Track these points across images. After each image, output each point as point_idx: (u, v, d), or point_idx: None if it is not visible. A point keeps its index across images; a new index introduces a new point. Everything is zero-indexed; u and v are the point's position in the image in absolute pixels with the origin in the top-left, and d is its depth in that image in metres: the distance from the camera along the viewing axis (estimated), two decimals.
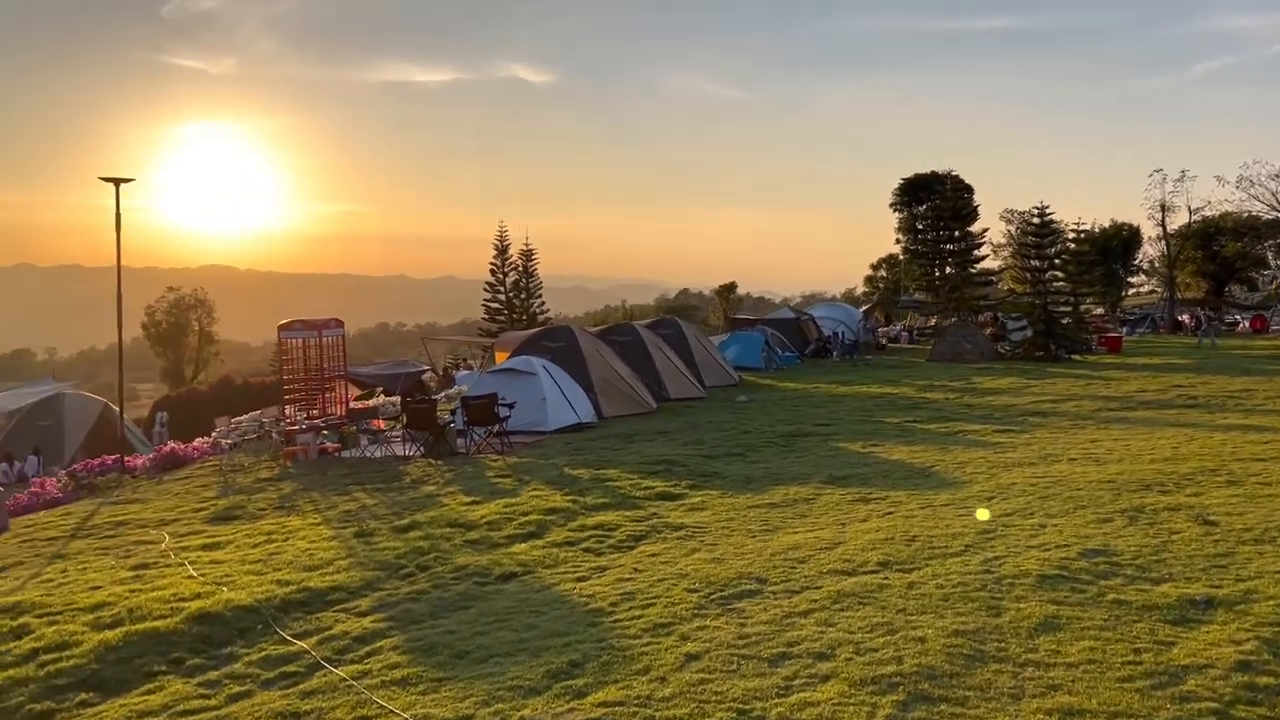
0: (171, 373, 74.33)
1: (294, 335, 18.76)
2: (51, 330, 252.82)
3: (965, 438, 15.47)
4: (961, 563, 7.29)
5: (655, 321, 30.52)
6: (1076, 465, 12.04)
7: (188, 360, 75.34)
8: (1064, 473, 11.40)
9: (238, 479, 15.15)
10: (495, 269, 52.34)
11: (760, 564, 7.61)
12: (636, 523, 9.71)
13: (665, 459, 13.95)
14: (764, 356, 33.49)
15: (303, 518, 11.45)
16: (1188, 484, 10.33)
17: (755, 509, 10.31)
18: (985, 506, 9.65)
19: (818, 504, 10.42)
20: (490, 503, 10.96)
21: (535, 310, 54.56)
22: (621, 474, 12.79)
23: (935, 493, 10.60)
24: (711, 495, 11.19)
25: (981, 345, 34.37)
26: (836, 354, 37.41)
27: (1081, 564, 7.10)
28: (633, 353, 24.92)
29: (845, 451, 14.54)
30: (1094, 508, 9.23)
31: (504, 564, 8.19)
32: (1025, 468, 12.04)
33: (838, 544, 8.19)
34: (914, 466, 12.69)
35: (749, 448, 15.32)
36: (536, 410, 18.45)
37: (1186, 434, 14.70)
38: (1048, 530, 8.35)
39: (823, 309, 45.23)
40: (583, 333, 23.13)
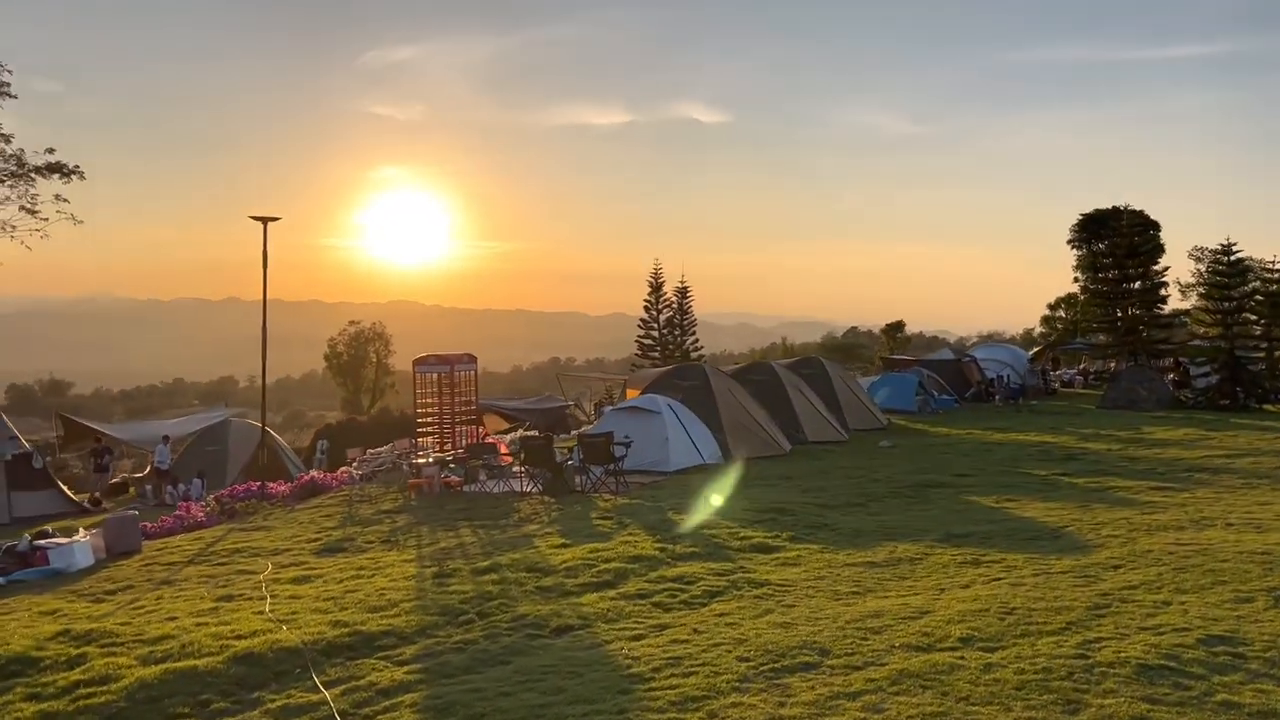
0: (350, 402, 78.39)
1: (428, 370, 19.21)
2: (253, 360, 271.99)
3: (1113, 495, 14.12)
4: (1055, 643, 6.46)
5: (798, 361, 29.74)
6: (1232, 532, 10.71)
7: (365, 390, 79.25)
8: (1213, 540, 10.13)
9: (361, 510, 15.51)
10: (649, 305, 52.58)
11: (830, 632, 6.99)
12: (719, 576, 9.20)
13: (778, 506, 13.34)
14: (918, 400, 32.12)
15: (401, 553, 11.51)
16: None
17: (852, 567, 9.61)
18: (1115, 574, 8.64)
19: (924, 565, 9.62)
20: (578, 546, 10.69)
21: (689, 347, 54.45)
22: (724, 521, 12.28)
23: (1058, 557, 9.60)
24: (811, 549, 10.54)
25: (1159, 392, 31.78)
26: (999, 398, 35.41)
27: (1197, 653, 6.15)
28: (769, 393, 24.32)
29: (975, 506, 13.52)
30: (1236, 584, 8.10)
31: (564, 615, 7.87)
32: (1170, 532, 10.79)
33: (925, 613, 7.45)
34: (1045, 526, 11.61)
35: (872, 497, 14.50)
36: (659, 449, 18.16)
37: None
38: (1171, 609, 7.35)
39: (987, 350, 43.03)
40: (715, 372, 22.74)
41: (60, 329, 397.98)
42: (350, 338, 79.44)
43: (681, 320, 54.96)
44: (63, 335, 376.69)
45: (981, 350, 42.91)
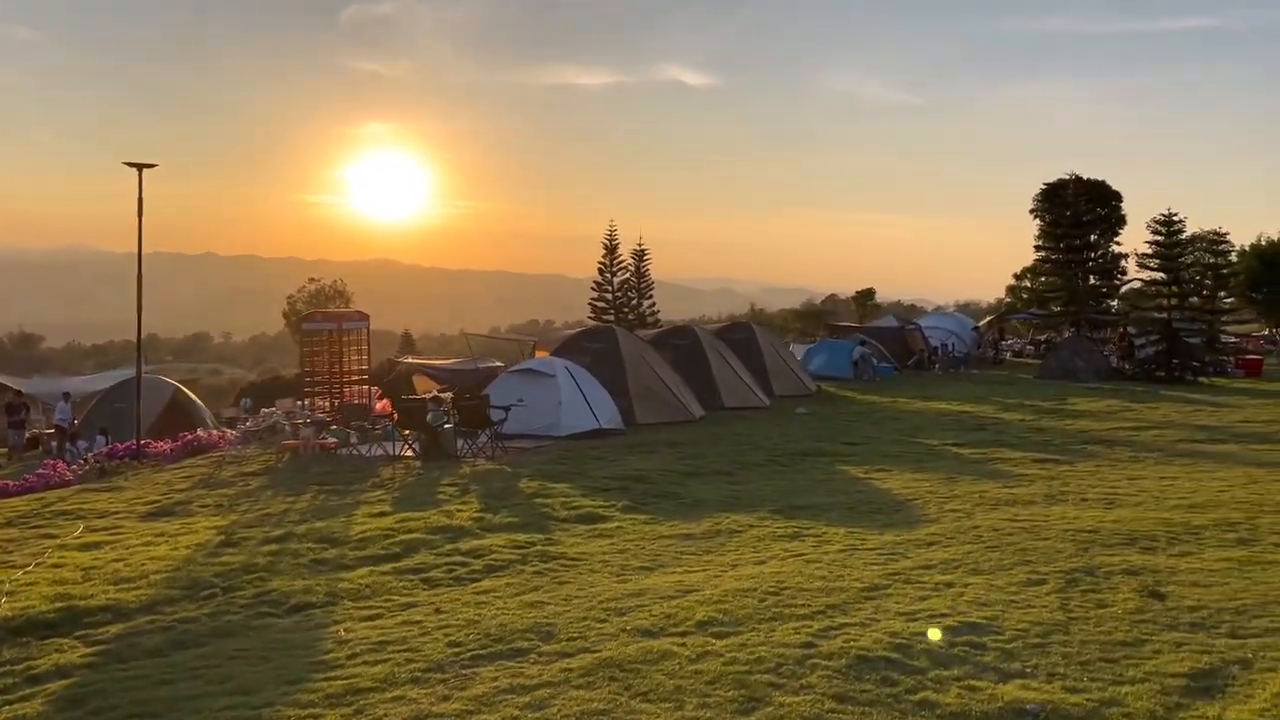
0: None
1: (316, 327, 18.57)
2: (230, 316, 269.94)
3: (990, 467, 13.69)
4: (793, 630, 5.98)
5: (727, 326, 29.19)
6: (1079, 508, 10.28)
7: None
8: (1050, 516, 9.70)
9: (225, 472, 14.93)
10: (603, 268, 51.84)
11: (574, 614, 6.50)
12: (516, 549, 8.70)
13: (638, 474, 12.87)
14: (854, 366, 31.69)
15: (223, 518, 10.97)
16: (1187, 540, 8.54)
17: (666, 540, 9.14)
18: (922, 552, 8.18)
19: (740, 538, 9.15)
20: (394, 515, 10.18)
21: (646, 311, 53.85)
22: (572, 489, 11.79)
23: (880, 532, 9.15)
24: (637, 520, 10.05)
25: (1096, 363, 31.43)
26: (940, 367, 35.02)
27: (931, 644, 5.68)
28: (690, 358, 23.80)
29: (842, 476, 13.08)
30: (1039, 564, 7.65)
31: (315, 591, 7.36)
32: (1015, 507, 10.36)
33: (690, 592, 6.97)
34: (895, 498, 11.16)
35: (745, 465, 14.04)
36: (551, 414, 17.61)
37: (1251, 475, 12.54)
38: (949, 592, 6.89)
39: (934, 319, 42.62)
40: (627, 335, 22.16)
41: (35, 281, 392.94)
42: (310, 295, 78.36)
43: (639, 283, 54.29)
44: (38, 287, 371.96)
45: (929, 319, 42.50)
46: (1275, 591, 6.77)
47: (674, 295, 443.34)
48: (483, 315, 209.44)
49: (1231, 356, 33.51)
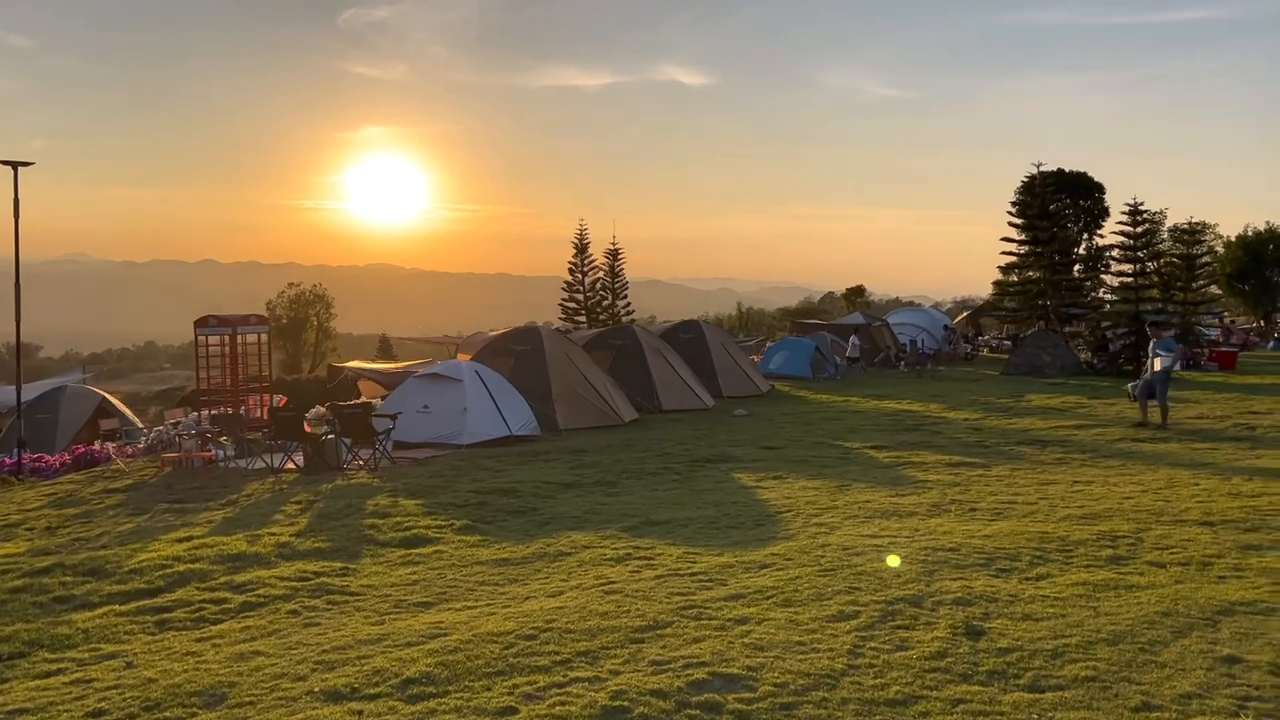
0: (290, 366, 76.69)
1: (209, 332, 17.61)
2: None
3: (897, 473, 12.67)
4: (508, 689, 4.99)
5: (676, 326, 28.18)
6: (962, 521, 9.27)
7: (305, 354, 77.56)
8: (920, 532, 8.69)
9: (93, 486, 13.98)
10: (574, 268, 50.82)
11: (281, 668, 5.52)
12: (298, 582, 7.70)
13: (509, 488, 11.86)
14: (813, 364, 30.71)
15: (34, 541, 10.02)
16: (1055, 559, 7.53)
17: (477, 567, 8.15)
18: (746, 577, 7.18)
19: (562, 563, 8.15)
20: (196, 540, 9.20)
21: (620, 311, 52.90)
22: (421, 506, 10.81)
23: (719, 553, 8.14)
24: (465, 543, 9.05)
25: (1062, 357, 30.37)
26: (905, 364, 33.99)
27: (656, 709, 4.69)
28: (629, 359, 22.88)
29: (729, 486, 12.06)
30: (864, 594, 6.65)
31: (16, 639, 6.37)
32: (891, 520, 9.34)
33: (441, 635, 5.98)
34: (768, 511, 10.15)
35: (636, 475, 13.03)
36: (455, 421, 16.62)
37: (1172, 478, 11.52)
38: (732, 633, 5.89)
39: (904, 315, 41.65)
40: (554, 337, 21.16)
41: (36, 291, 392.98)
42: (290, 300, 77.60)
43: (612, 283, 53.34)
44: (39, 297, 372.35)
45: (899, 315, 41.51)
46: (1110, 626, 5.76)
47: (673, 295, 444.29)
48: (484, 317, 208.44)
49: (1205, 349, 32.43)
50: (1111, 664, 5.14)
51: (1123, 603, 6.27)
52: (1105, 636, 5.58)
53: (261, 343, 18.15)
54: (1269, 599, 6.28)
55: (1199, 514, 9.22)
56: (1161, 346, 17.19)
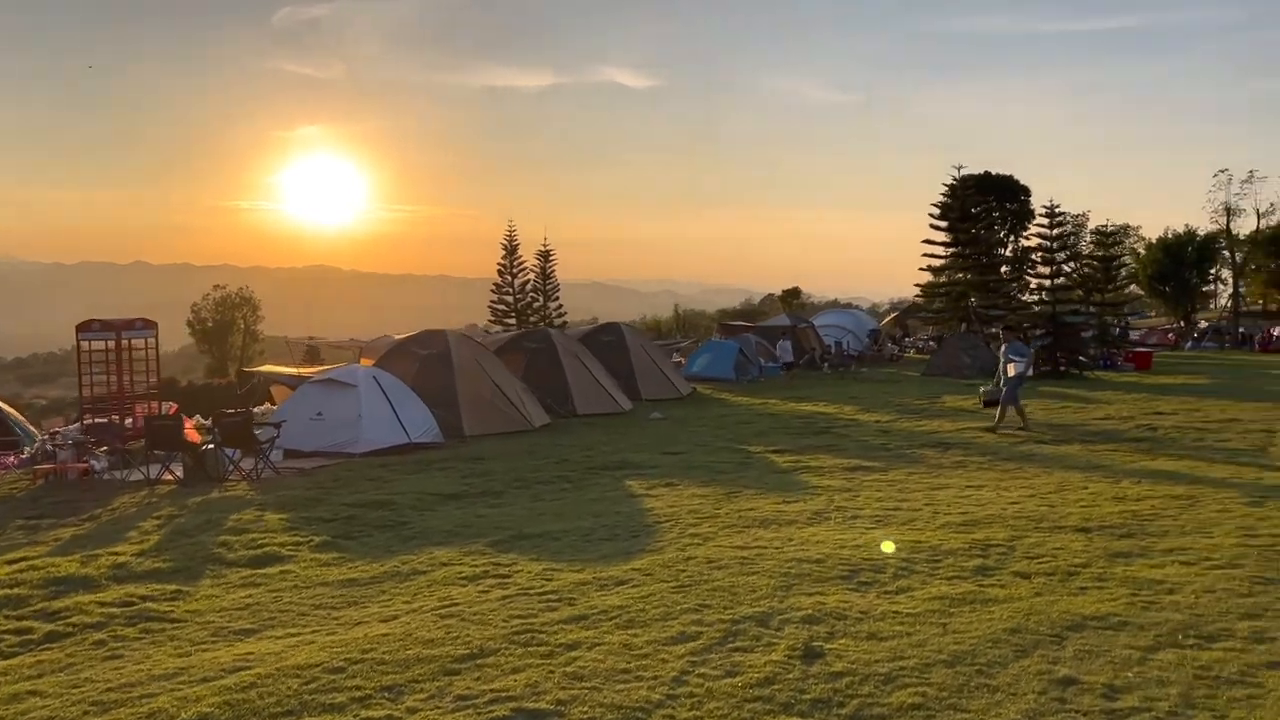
0: (216, 370, 74.77)
1: (92, 337, 16.78)
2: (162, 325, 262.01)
3: (791, 478, 12.41)
4: None
5: (596, 328, 27.87)
6: (839, 529, 9.00)
7: (232, 359, 75.64)
8: (793, 542, 8.40)
9: None
10: (503, 270, 50.23)
11: (50, 711, 4.98)
12: (120, 607, 7.16)
13: (385, 500, 11.36)
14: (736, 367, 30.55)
15: None
16: (920, 570, 7.27)
17: (321, 588, 7.66)
18: (597, 596, 6.80)
19: (413, 583, 7.69)
20: (28, 561, 8.57)
21: (552, 313, 52.38)
22: (287, 521, 10.27)
23: (580, 569, 7.75)
24: (316, 562, 8.54)
25: (982, 359, 30.53)
26: (828, 366, 34.00)
27: None
28: (544, 362, 22.46)
29: (617, 494, 11.68)
30: (712, 613, 6.31)
31: None
32: (768, 530, 9.04)
33: (246, 668, 5.50)
34: (648, 522, 9.79)
35: (526, 484, 12.60)
36: (349, 428, 16.02)
37: (1064, 482, 11.41)
38: (557, 660, 5.49)
39: (831, 316, 41.80)
40: (461, 340, 20.61)
41: None
42: (215, 303, 75.68)
43: (544, 285, 52.82)
44: None
45: (826, 317, 41.63)
46: (954, 646, 5.48)
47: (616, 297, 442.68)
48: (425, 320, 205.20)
49: (1121, 349, 32.93)
50: (943, 689, 4.85)
51: (975, 619, 6.00)
52: (945, 658, 5.29)
53: (149, 347, 17.33)
54: (1123, 612, 6.06)
55: (1078, 520, 9.06)
56: (1013, 351, 17.06)
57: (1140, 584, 6.73)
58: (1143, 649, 5.37)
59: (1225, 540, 8.03)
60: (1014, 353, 17.00)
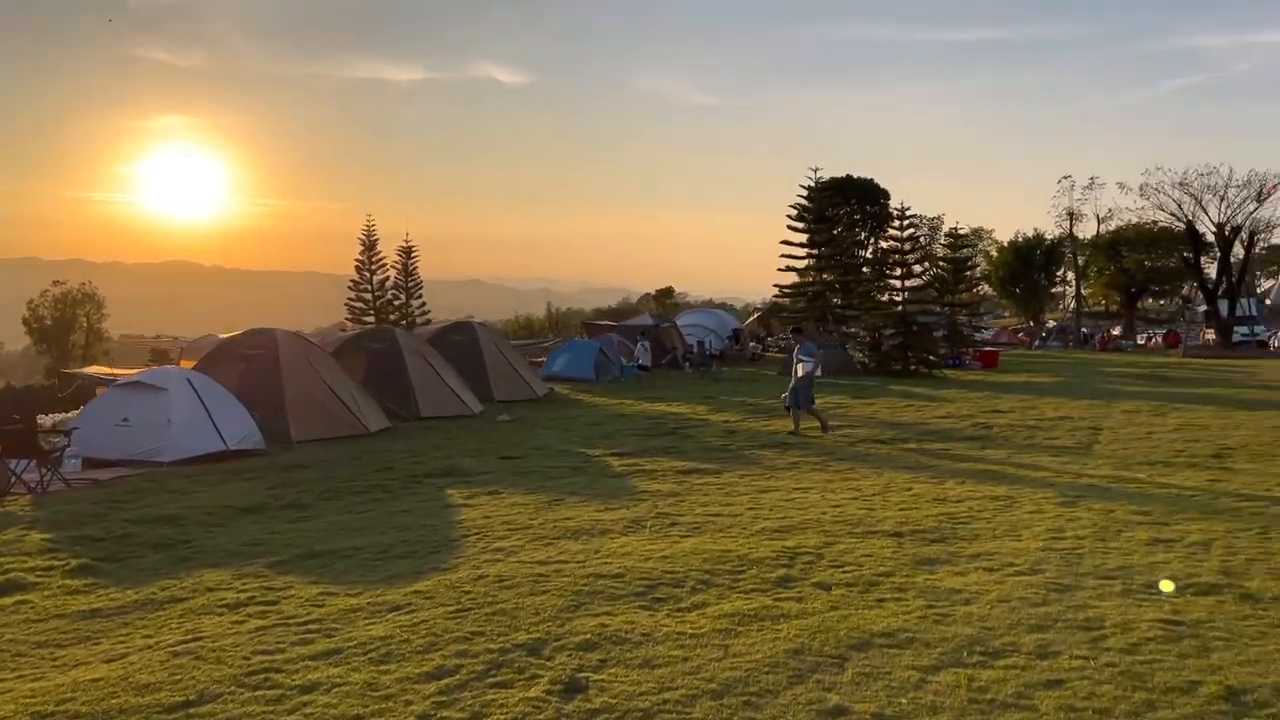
0: (56, 372, 70.11)
1: None
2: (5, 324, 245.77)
3: (621, 483, 11.94)
4: None
5: (447, 327, 26.97)
6: (651, 539, 8.55)
7: (73, 359, 71.05)
8: (600, 554, 7.90)
9: None
10: (361, 266, 48.64)
11: None
12: None
13: (173, 516, 10.37)
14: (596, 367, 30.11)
15: None
16: (719, 583, 6.86)
17: (56, 622, 6.74)
18: (363, 626, 6.13)
19: (167, 612, 6.85)
20: None
21: (415, 311, 50.97)
22: (49, 542, 9.21)
23: (359, 593, 7.05)
24: (63, 590, 7.58)
25: (837, 358, 30.97)
26: (690, 366, 33.93)
27: None
28: (386, 363, 21.48)
29: (435, 504, 10.99)
30: (481, 641, 5.73)
31: None
32: (578, 541, 8.53)
33: None
34: (453, 535, 9.15)
35: (337, 495, 11.75)
36: (157, 435, 14.78)
37: (889, 483, 11.29)
38: (269, 712, 4.82)
39: (694, 316, 41.87)
40: (292, 339, 19.45)
41: None
42: (55, 300, 70.92)
43: (406, 282, 51.38)
44: None
45: (689, 316, 41.67)
46: (728, 673, 5.05)
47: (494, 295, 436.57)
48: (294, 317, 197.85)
49: (970, 349, 33.90)
50: None
51: (760, 638, 5.60)
52: (715, 687, 4.85)
53: None
54: (914, 626, 5.76)
55: (894, 524, 8.86)
56: (803, 352, 16.88)
57: (939, 594, 6.48)
58: (924, 669, 5.06)
59: (1032, 544, 7.92)
60: (803, 353, 16.81)
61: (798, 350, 17.06)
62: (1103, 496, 10.08)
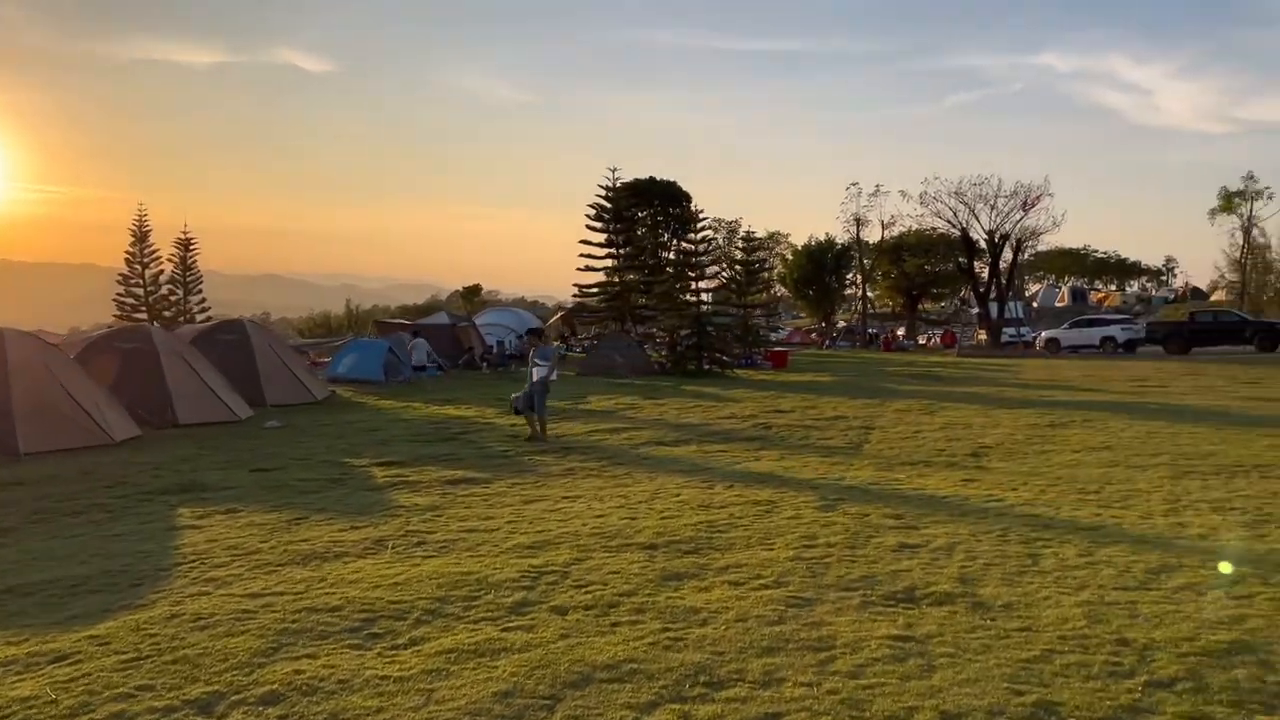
0: None
1: None
2: None
3: (381, 497, 11.13)
4: None
5: (215, 326, 25.12)
6: (392, 562, 7.84)
7: None
8: (324, 583, 7.14)
9: None
10: (131, 259, 44.98)
11: None
12: None
13: None
14: (385, 367, 28.81)
15: None
16: (449, 612, 6.26)
17: None
18: (31, 678, 5.15)
19: None
20: None
21: (194, 307, 47.58)
22: None
23: (26, 638, 6.02)
24: None
25: (634, 358, 30.99)
26: (487, 366, 33.13)
27: None
28: (141, 365, 19.61)
29: (156, 527, 9.82)
30: (151, 697, 4.91)
31: None
32: (310, 567, 7.71)
33: None
34: (164, 564, 8.11)
35: (50, 516, 10.39)
36: None
37: (661, 488, 11.01)
38: None
39: (493, 315, 41.05)
40: (22, 339, 17.35)
41: None
42: None
43: (184, 276, 47.90)
44: None
45: (488, 315, 40.83)
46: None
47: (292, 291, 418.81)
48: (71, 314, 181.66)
49: (762, 349, 34.70)
50: None
51: (471, 679, 5.05)
52: None
53: None
54: (642, 655, 5.36)
55: (651, 535, 8.53)
56: (539, 356, 16.28)
57: (677, 614, 6.13)
58: (640, 708, 4.64)
59: (783, 553, 7.75)
60: (539, 357, 16.18)
61: (533, 353, 16.34)
62: (861, 499, 10.14)
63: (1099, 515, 9.15)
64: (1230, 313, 43.57)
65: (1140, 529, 8.54)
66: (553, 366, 16.47)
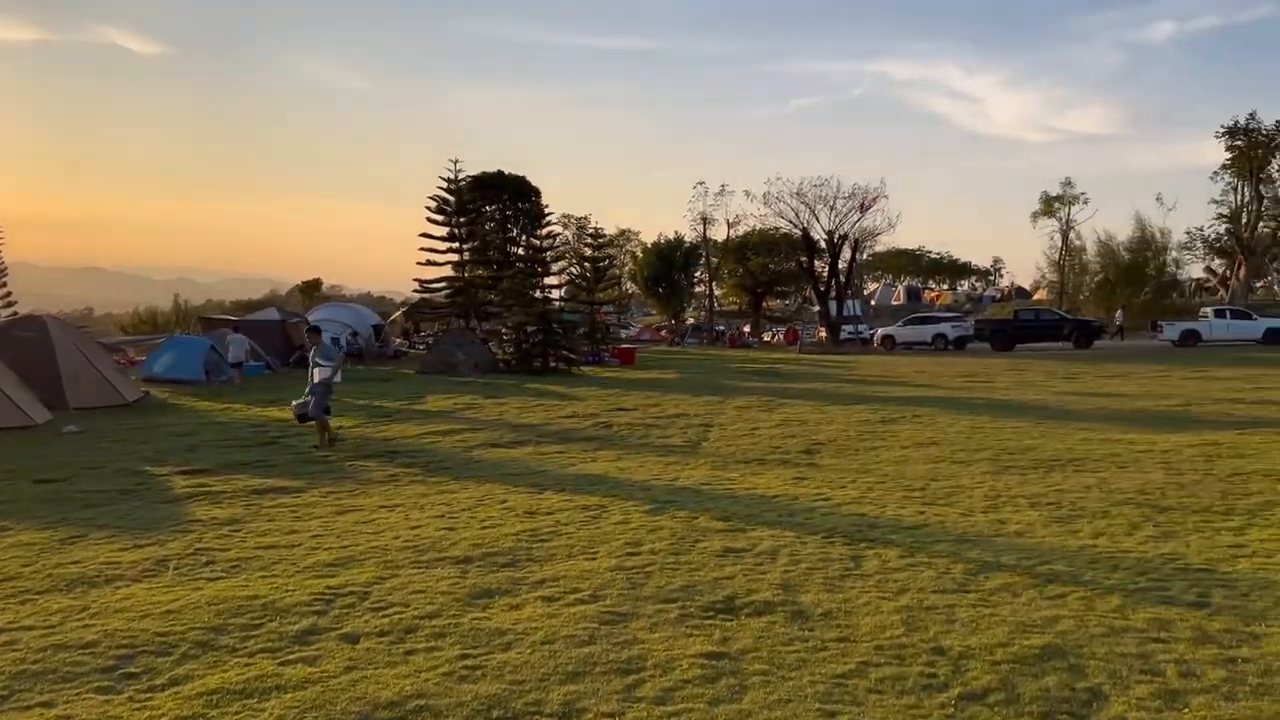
0: None
1: None
2: None
3: (179, 509, 10.16)
4: None
5: (12, 322, 22.99)
6: (173, 585, 7.04)
7: None
8: (87, 611, 6.31)
9: None
10: None
11: None
12: None
13: None
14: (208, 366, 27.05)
15: None
16: (230, 643, 5.57)
17: None
18: None
19: None
20: None
21: None
22: None
23: None
24: None
25: (477, 355, 30.17)
26: None
27: None
28: None
29: None
30: None
31: None
32: (74, 595, 6.83)
33: None
34: None
35: None
36: None
37: (486, 495, 10.48)
38: None
39: (329, 310, 39.31)
40: None
41: None
42: None
43: None
44: None
45: (324, 310, 39.11)
46: None
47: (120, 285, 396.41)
48: None
49: (609, 346, 34.46)
50: None
51: None
52: None
53: None
54: (433, 689, 4.85)
55: (467, 547, 8.00)
56: (320, 355, 15.06)
57: (481, 638, 5.64)
58: None
59: (605, 563, 7.36)
60: (320, 357, 14.99)
61: (314, 353, 15.06)
62: (692, 501, 9.88)
63: (923, 513, 9.16)
64: (1051, 311, 46.11)
65: (961, 526, 8.57)
66: (336, 367, 15.31)
